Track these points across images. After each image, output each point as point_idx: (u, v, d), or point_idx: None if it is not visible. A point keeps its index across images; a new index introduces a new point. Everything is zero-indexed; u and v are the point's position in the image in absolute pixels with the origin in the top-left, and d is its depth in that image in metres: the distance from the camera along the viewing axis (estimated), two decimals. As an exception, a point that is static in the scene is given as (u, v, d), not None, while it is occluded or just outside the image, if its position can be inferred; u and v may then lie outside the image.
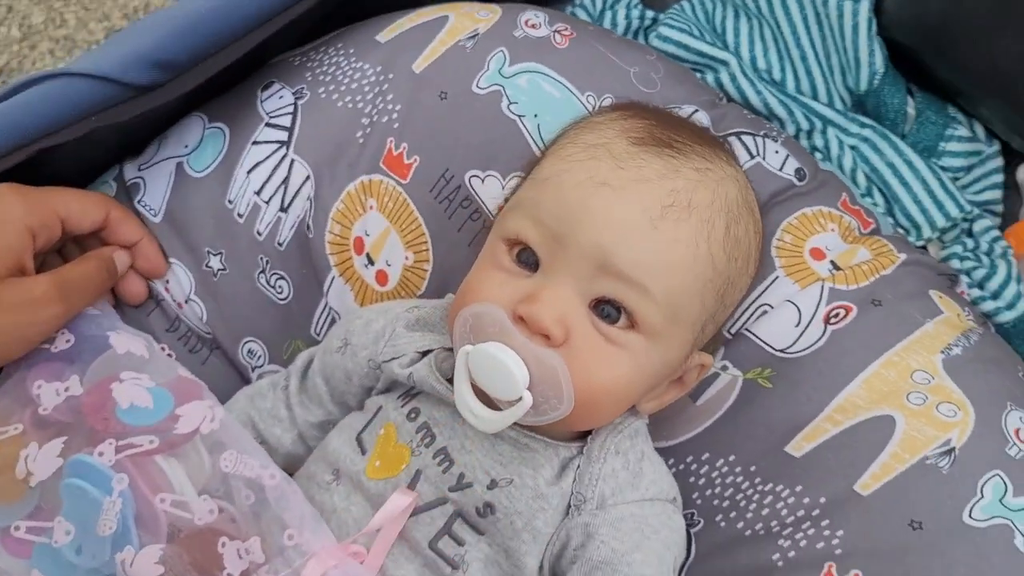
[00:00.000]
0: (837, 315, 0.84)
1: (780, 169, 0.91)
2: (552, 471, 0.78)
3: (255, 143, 0.97)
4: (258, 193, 0.97)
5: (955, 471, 0.77)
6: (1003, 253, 0.95)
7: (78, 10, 1.62)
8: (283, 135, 0.97)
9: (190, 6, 0.91)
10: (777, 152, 0.92)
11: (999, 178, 1.00)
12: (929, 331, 0.83)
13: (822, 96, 1.03)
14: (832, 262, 0.87)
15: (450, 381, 0.79)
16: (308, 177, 0.96)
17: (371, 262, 0.95)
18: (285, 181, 0.96)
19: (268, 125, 0.97)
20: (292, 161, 0.96)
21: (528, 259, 0.76)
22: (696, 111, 0.93)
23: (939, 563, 0.75)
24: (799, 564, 0.79)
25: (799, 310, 0.85)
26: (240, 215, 0.97)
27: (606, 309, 0.74)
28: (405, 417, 0.82)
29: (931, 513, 0.76)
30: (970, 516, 0.76)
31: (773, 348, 0.85)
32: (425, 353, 0.83)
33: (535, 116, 0.92)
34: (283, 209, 0.96)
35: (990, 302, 0.92)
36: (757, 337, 0.85)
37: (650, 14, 1.09)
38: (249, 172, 0.97)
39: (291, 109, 0.97)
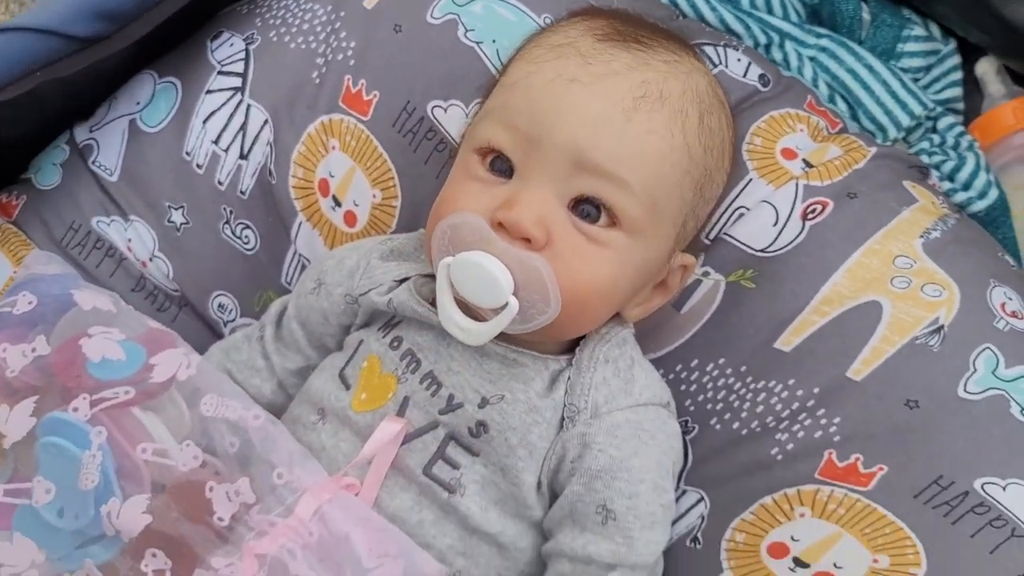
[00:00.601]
0: (814, 211, 0.84)
1: (744, 76, 0.91)
2: (543, 384, 0.76)
3: (209, 92, 0.95)
4: (215, 142, 0.94)
5: (946, 348, 0.77)
6: (969, 146, 0.95)
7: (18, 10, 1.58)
8: (237, 81, 0.95)
9: (132, -47, 0.89)
10: (739, 60, 0.92)
11: (958, 75, 1.00)
12: (906, 218, 0.83)
13: (777, 10, 1.02)
14: (804, 160, 0.87)
15: (431, 304, 0.77)
16: (266, 122, 0.94)
17: (338, 203, 0.93)
18: (243, 127, 0.94)
19: (221, 73, 0.95)
20: (248, 106, 0.94)
21: (502, 167, 0.74)
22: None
23: (939, 438, 0.75)
24: (798, 455, 0.78)
25: (776, 209, 0.84)
26: (199, 166, 0.95)
27: (586, 208, 0.72)
28: (388, 347, 0.80)
29: (926, 391, 0.76)
30: (965, 390, 0.76)
31: (753, 249, 0.84)
32: (402, 281, 0.81)
33: (493, 42, 0.91)
34: (243, 156, 0.94)
35: (962, 193, 0.91)
36: (736, 240, 0.85)
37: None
38: (205, 121, 0.94)
39: (243, 55, 0.95)
